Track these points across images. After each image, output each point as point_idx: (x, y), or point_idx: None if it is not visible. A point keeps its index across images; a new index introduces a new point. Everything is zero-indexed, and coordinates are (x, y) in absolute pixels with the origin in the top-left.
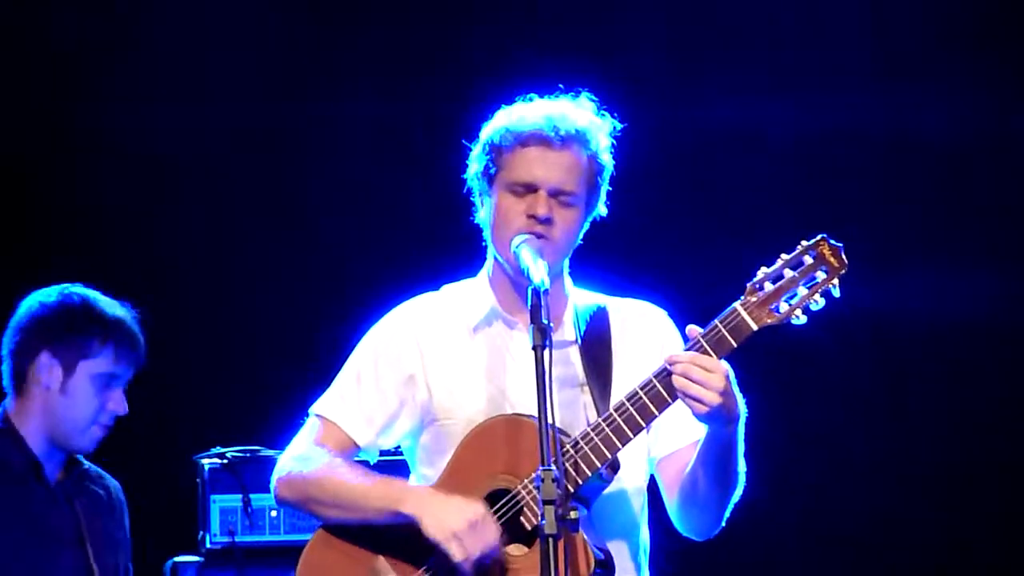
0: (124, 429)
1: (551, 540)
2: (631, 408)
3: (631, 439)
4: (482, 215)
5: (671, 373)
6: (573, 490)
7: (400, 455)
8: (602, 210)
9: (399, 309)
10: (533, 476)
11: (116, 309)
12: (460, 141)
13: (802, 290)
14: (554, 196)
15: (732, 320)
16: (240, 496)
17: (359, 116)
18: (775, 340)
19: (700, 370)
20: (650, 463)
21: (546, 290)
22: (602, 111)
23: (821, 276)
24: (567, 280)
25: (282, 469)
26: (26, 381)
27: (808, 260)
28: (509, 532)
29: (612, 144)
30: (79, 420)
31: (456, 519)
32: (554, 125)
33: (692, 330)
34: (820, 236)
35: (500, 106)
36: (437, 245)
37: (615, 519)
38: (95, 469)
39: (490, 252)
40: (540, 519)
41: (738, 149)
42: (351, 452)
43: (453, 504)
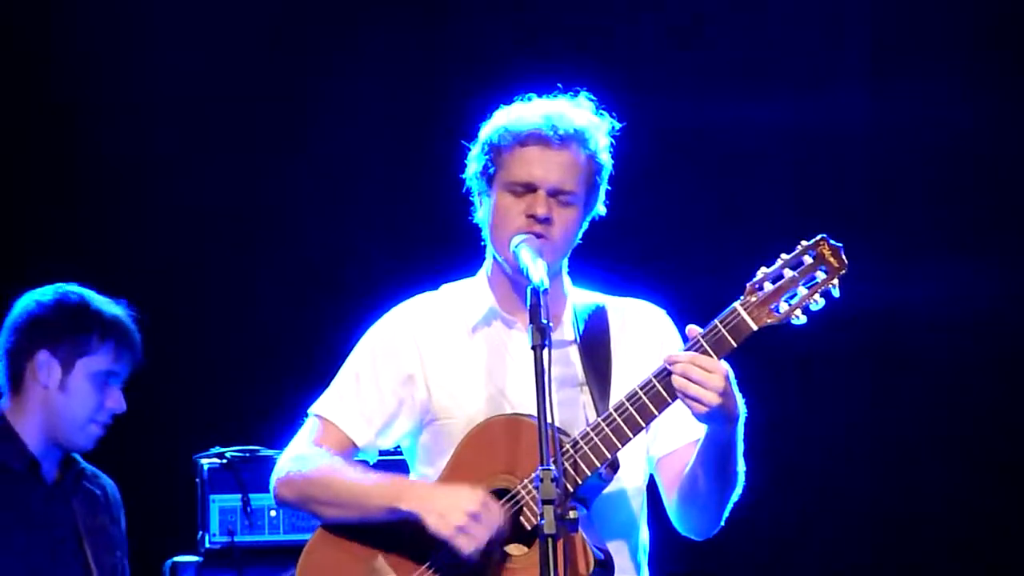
0: (124, 429)
1: (550, 540)
2: (631, 408)
3: (631, 439)
4: (481, 215)
5: (671, 373)
6: (572, 490)
7: (400, 455)
8: (601, 209)
9: (398, 309)
10: (532, 476)
11: (112, 307)
12: (459, 141)
13: (802, 290)
14: (553, 196)
15: (732, 320)
16: (239, 496)
17: (358, 115)
18: (775, 340)
19: (699, 370)
20: (649, 462)
21: (545, 290)
22: (601, 110)
23: (821, 276)
24: (566, 280)
25: (281, 469)
26: (23, 380)
27: (808, 260)
28: (509, 532)
29: (611, 143)
30: (78, 418)
31: (458, 514)
32: (553, 125)
33: (692, 330)
34: (820, 236)
35: (499, 106)
36: (436, 245)
37: (615, 519)
38: (90, 468)
39: (489, 252)
40: (539, 519)
41: (738, 148)
42: (350, 452)
43: (452, 497)
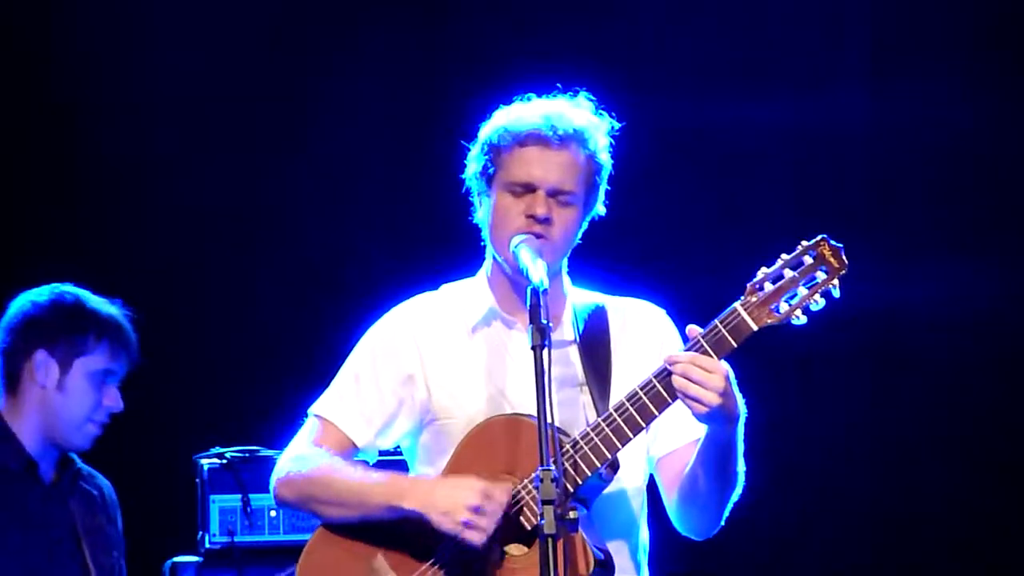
0: (124, 429)
1: (550, 540)
2: (631, 408)
3: (631, 439)
4: (480, 215)
5: (671, 373)
6: (572, 490)
7: (400, 455)
8: (601, 209)
9: (398, 309)
10: (532, 476)
11: (108, 307)
12: (459, 141)
13: (802, 290)
14: (552, 196)
15: (732, 320)
16: (239, 496)
17: (358, 115)
18: (775, 340)
19: (700, 370)
20: (649, 462)
21: (545, 290)
22: (600, 110)
23: (821, 276)
24: (566, 280)
25: (281, 469)
26: (20, 380)
27: (808, 260)
28: (508, 532)
29: (610, 143)
30: (76, 417)
31: (460, 510)
32: (552, 125)
33: (692, 330)
34: (820, 236)
35: (499, 106)
36: (436, 245)
37: (615, 519)
38: (87, 468)
39: (489, 252)
40: (539, 519)
41: (738, 148)
42: (350, 452)
43: (453, 493)
